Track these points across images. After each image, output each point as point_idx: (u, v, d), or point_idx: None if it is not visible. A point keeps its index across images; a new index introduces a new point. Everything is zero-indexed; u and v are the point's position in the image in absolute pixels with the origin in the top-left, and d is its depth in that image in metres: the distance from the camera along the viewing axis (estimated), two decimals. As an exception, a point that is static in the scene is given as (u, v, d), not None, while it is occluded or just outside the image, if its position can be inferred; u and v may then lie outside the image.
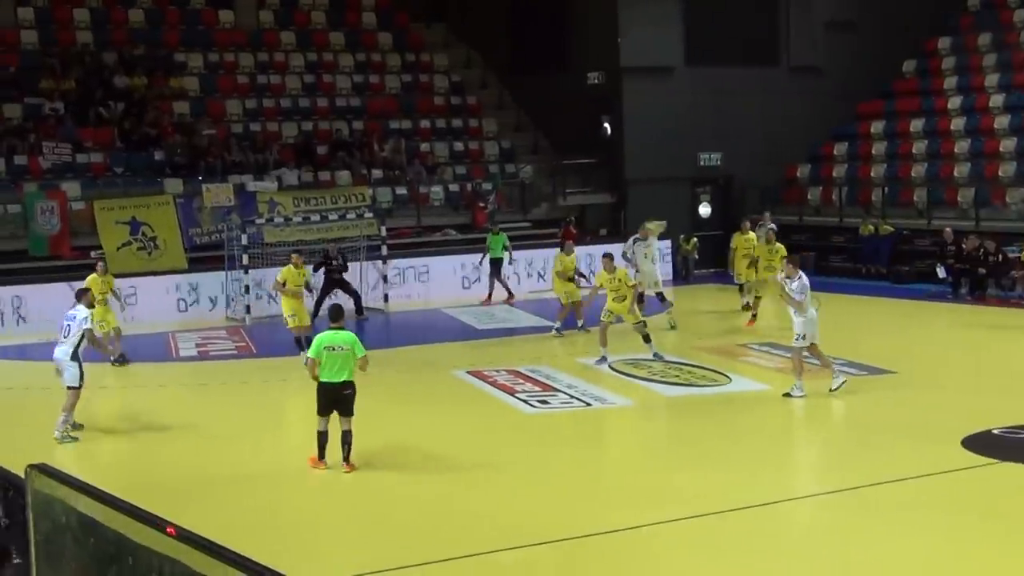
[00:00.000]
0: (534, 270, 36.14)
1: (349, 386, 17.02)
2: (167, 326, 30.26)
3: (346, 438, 16.95)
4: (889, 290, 34.57)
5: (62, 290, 26.90)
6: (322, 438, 17.04)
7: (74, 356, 19.39)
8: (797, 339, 20.83)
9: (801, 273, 21.23)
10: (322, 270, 31.25)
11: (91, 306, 20.43)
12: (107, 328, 25.39)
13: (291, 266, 25.93)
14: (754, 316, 29.19)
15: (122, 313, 26.59)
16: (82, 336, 19.43)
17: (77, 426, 19.58)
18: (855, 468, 16.60)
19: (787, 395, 20.73)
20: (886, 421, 19.46)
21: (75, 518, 8.03)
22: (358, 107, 41.49)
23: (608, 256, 25.55)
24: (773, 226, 33.01)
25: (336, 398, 16.96)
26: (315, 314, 30.85)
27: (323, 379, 16.99)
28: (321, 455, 17.07)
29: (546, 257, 34.28)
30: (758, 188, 41.42)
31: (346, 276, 31.87)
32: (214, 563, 6.43)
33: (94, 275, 25.84)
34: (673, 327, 28.62)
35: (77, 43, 39.59)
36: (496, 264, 34.28)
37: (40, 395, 23.39)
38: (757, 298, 29.41)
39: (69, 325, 19.58)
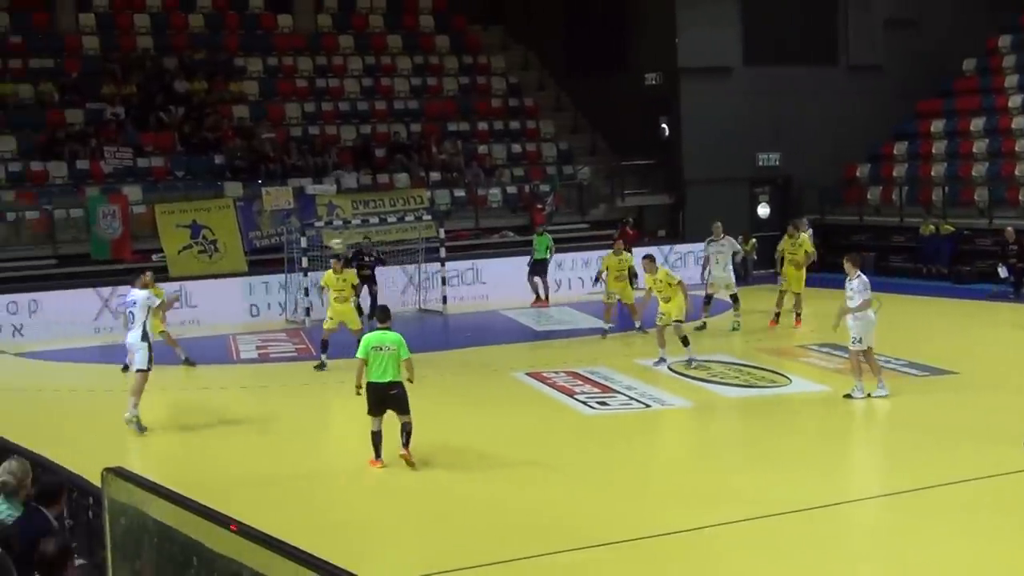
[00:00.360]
0: (592, 271, 35.99)
1: (396, 386, 17.09)
2: (228, 328, 30.42)
3: (406, 427, 17.16)
4: (950, 290, 34.31)
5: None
6: (376, 438, 17.16)
7: (143, 337, 19.84)
8: (854, 342, 20.61)
9: (860, 272, 20.97)
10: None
11: (145, 287, 20.68)
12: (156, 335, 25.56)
13: (331, 271, 25.72)
14: (798, 314, 28.97)
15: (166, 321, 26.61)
16: (147, 313, 19.97)
17: (142, 428, 19.79)
18: (916, 470, 16.50)
19: (848, 396, 20.61)
20: (948, 422, 19.33)
21: (150, 520, 8.12)
22: (416, 110, 41.61)
23: (648, 258, 25.29)
24: (805, 222, 33.00)
25: (383, 398, 17.07)
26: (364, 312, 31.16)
27: (370, 379, 17.13)
28: (377, 454, 17.16)
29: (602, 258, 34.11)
30: (817, 188, 41.20)
31: (377, 274, 32.07)
32: (286, 562, 6.48)
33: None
34: (736, 329, 28.55)
35: (138, 48, 39.94)
36: (540, 265, 34.21)
37: (106, 398, 23.67)
38: (781, 292, 29.22)
39: (132, 312, 20.07)
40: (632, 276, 29.13)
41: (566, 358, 26.01)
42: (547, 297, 34.11)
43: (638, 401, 21.60)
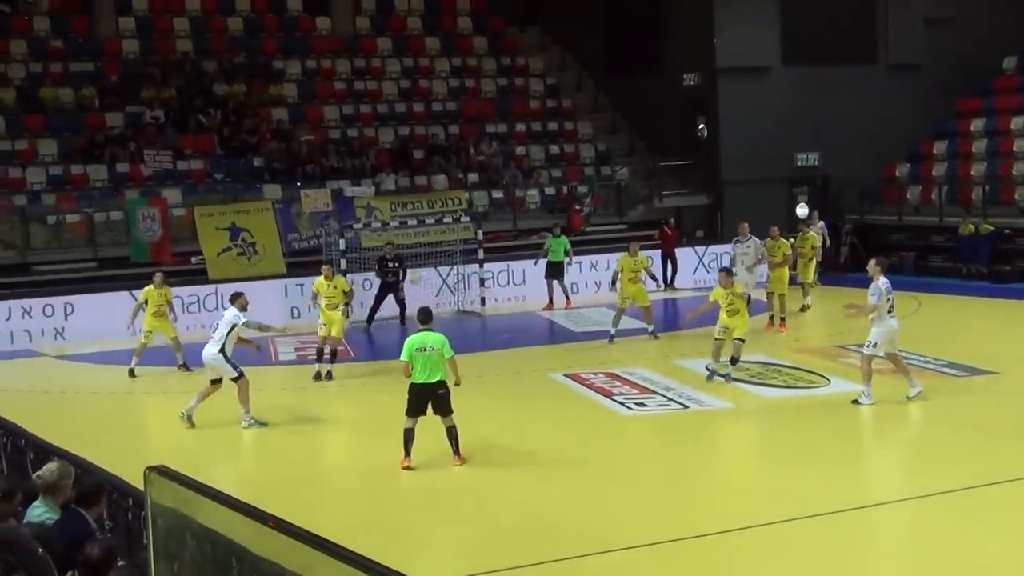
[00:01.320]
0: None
1: (443, 386, 17.18)
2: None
3: (451, 433, 17.25)
4: (989, 290, 34.12)
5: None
6: (408, 434, 17.18)
7: (221, 352, 20.26)
8: (867, 346, 20.41)
9: (883, 277, 20.67)
10: (375, 272, 31.65)
11: (244, 309, 20.89)
12: (148, 340, 26.00)
13: (322, 278, 25.52)
14: (782, 319, 28.79)
15: (175, 323, 26.73)
16: (229, 333, 20.32)
17: (190, 422, 20.24)
18: (956, 470, 16.43)
19: (855, 402, 20.33)
20: (987, 422, 19.25)
21: (192, 521, 8.16)
22: (454, 111, 41.69)
23: (725, 271, 24.19)
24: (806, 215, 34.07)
25: (431, 398, 17.13)
26: (371, 318, 31.13)
27: (416, 380, 17.18)
28: (407, 452, 17.16)
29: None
30: (856, 188, 41.06)
31: (401, 282, 31.94)
32: (331, 562, 6.49)
33: (150, 287, 26.29)
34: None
35: (177, 52, 40.20)
36: (556, 268, 34.04)
37: (143, 400, 23.81)
38: (781, 295, 29.06)
39: (218, 324, 20.76)
40: (651, 277, 28.98)
41: (604, 359, 26.01)
42: (568, 299, 33.98)
43: (676, 402, 21.58)
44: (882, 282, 20.53)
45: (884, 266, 21.18)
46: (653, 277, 29.14)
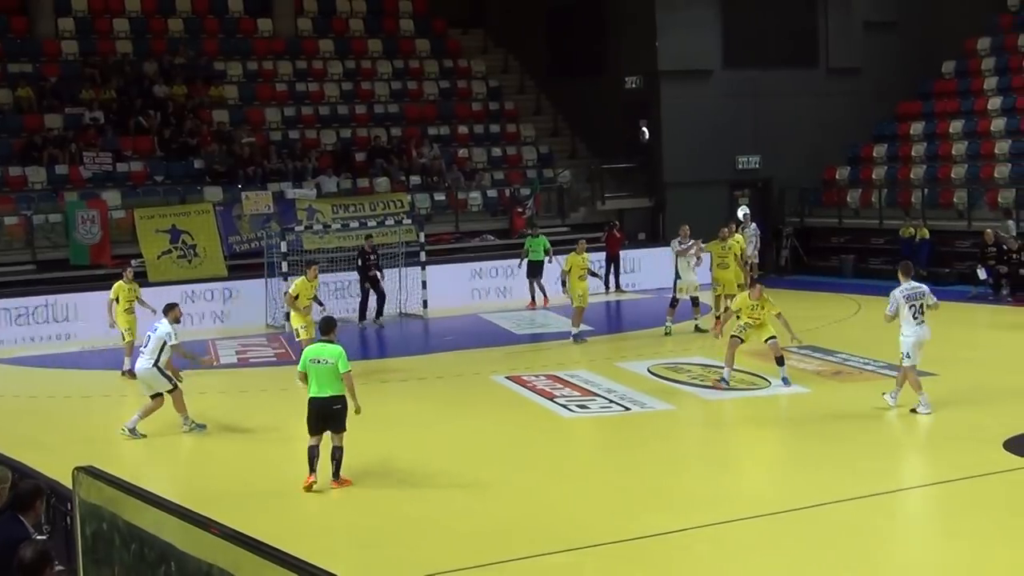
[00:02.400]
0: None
1: (338, 401, 16.35)
2: (207, 333, 30.36)
3: (336, 455, 16.37)
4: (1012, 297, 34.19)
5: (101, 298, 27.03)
6: (312, 452, 16.38)
7: (155, 366, 19.79)
8: (903, 359, 19.96)
9: (904, 283, 20.29)
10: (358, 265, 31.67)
11: (176, 321, 20.41)
12: (131, 338, 25.38)
13: (305, 278, 25.08)
14: (717, 318, 28.57)
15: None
16: (162, 349, 19.80)
17: (133, 435, 19.80)
18: (896, 470, 16.57)
19: (913, 411, 19.96)
20: (927, 424, 19.37)
21: (120, 521, 8.10)
22: (396, 114, 41.60)
23: (755, 284, 23.53)
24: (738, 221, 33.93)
25: (325, 414, 16.33)
26: (363, 314, 31.21)
27: (311, 394, 16.47)
28: (311, 468, 16.33)
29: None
30: (797, 190, 41.33)
31: (380, 275, 32.24)
32: (259, 561, 6.46)
33: (120, 282, 25.83)
34: (701, 329, 28.47)
35: (117, 53, 39.86)
36: (536, 267, 34.23)
37: (80, 403, 23.64)
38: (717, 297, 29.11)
39: (149, 336, 20.09)
40: (592, 274, 29.02)
41: (546, 361, 26.03)
42: (546, 299, 34.03)
43: (618, 404, 21.61)
44: (898, 290, 20.10)
45: (906, 272, 20.66)
46: (595, 274, 29.11)
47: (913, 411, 19.92)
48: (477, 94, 43.57)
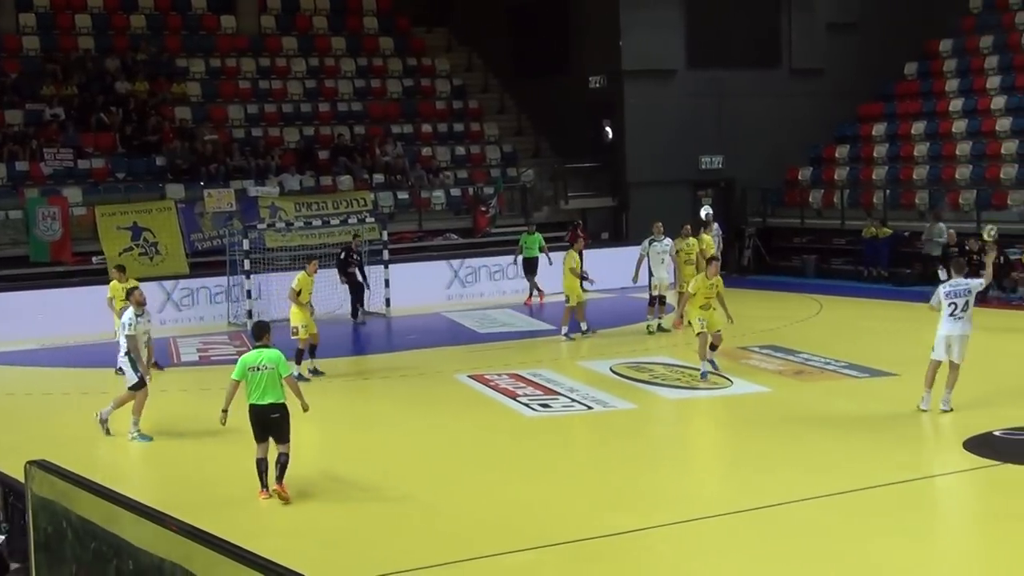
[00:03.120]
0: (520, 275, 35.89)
1: (278, 409, 15.70)
2: (168, 331, 30.23)
3: (281, 459, 15.69)
4: (890, 292, 34.50)
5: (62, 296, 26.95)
6: (260, 465, 15.78)
7: (126, 355, 19.46)
8: (932, 351, 19.69)
9: (950, 281, 19.81)
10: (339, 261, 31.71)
11: (140, 304, 20.05)
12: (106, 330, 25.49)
13: (305, 273, 24.82)
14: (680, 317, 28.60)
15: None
16: (127, 336, 19.54)
17: (107, 432, 19.63)
18: (856, 470, 16.59)
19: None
20: (887, 423, 19.44)
21: (74, 515, 8.06)
22: (360, 112, 41.53)
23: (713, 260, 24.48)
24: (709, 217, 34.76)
25: (265, 422, 15.67)
26: (355, 312, 31.22)
27: (251, 402, 15.73)
28: (262, 483, 15.75)
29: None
30: (759, 191, 41.47)
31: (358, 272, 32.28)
32: (212, 556, 6.43)
33: (115, 281, 25.82)
34: (652, 332, 28.53)
35: (79, 49, 39.63)
36: (531, 264, 34.44)
37: (42, 401, 23.51)
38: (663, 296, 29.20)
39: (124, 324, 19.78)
40: (583, 276, 29.11)
41: (509, 360, 26.02)
42: (541, 295, 34.18)
43: (580, 403, 21.62)
44: (943, 285, 19.83)
45: (958, 269, 20.25)
46: (585, 276, 29.21)
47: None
48: (441, 92, 43.53)
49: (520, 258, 34.60)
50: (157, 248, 33.82)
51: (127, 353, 19.58)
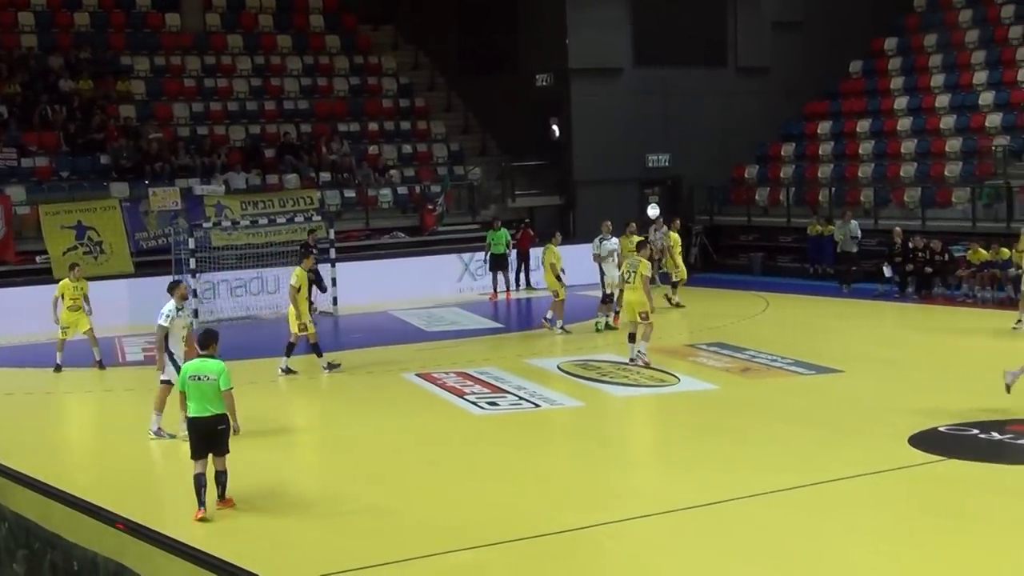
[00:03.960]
0: (486, 271, 35.89)
1: (222, 420, 15.09)
2: (113, 330, 29.98)
3: (220, 479, 15.10)
4: (836, 290, 34.66)
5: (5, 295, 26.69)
6: (199, 480, 14.87)
7: (166, 350, 19.05)
8: None
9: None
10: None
11: (184, 298, 19.66)
12: (74, 332, 25.45)
13: (302, 269, 24.54)
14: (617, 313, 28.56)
15: (91, 316, 26.11)
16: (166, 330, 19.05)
17: (164, 434, 19.07)
18: (803, 466, 16.65)
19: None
20: (833, 420, 19.52)
21: (8, 510, 8.00)
22: (306, 110, 41.39)
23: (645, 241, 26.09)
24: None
25: (207, 434, 15.01)
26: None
27: (191, 414, 15.13)
28: (200, 502, 14.78)
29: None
30: (706, 189, 41.59)
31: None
32: (143, 545, 6.38)
33: (66, 280, 25.75)
34: (600, 329, 28.58)
35: (22, 47, 39.29)
36: (499, 260, 34.61)
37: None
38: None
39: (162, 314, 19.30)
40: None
41: (456, 359, 25.99)
42: (508, 291, 34.27)
43: (528, 401, 21.60)
44: None
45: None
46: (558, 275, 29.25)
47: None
48: (388, 91, 43.44)
49: (488, 255, 34.62)
50: (102, 247, 33.59)
51: (166, 350, 19.05)
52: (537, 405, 21.36)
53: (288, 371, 24.35)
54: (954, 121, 39.01)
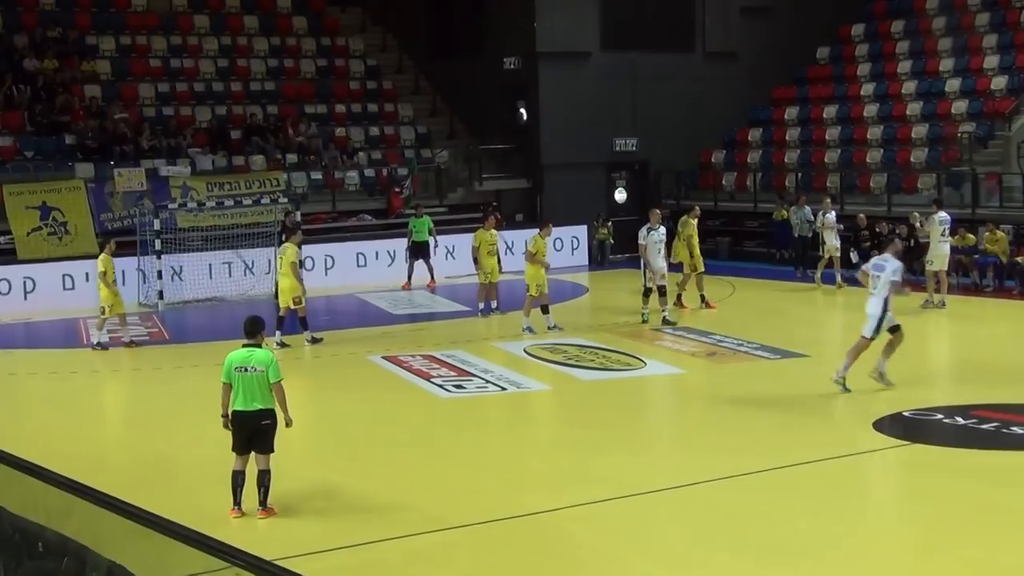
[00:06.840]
0: (454, 255, 35.79)
1: (268, 416, 14.34)
2: (77, 312, 29.87)
3: (263, 479, 14.33)
4: (802, 275, 34.73)
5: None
6: (237, 478, 14.35)
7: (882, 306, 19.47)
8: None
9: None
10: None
11: (897, 253, 19.79)
12: (112, 313, 25.85)
13: (292, 244, 25.29)
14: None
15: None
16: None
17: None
18: (767, 450, 16.71)
19: None
20: (798, 404, 19.61)
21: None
22: (273, 91, 41.22)
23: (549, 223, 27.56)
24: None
25: (254, 429, 14.29)
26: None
27: (236, 407, 14.30)
28: (236, 500, 14.34)
29: (464, 242, 33.44)
30: (673, 173, 41.64)
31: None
32: (90, 507, 6.35)
33: (105, 255, 26.06)
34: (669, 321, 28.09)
35: (-14, 26, 39.04)
36: (420, 248, 34.21)
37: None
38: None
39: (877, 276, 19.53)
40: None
41: (423, 341, 25.99)
42: (432, 280, 34.07)
43: (495, 384, 21.62)
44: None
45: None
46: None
47: None
48: (355, 73, 43.32)
49: (410, 242, 34.42)
50: (66, 228, 33.42)
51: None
52: (504, 388, 21.37)
53: (282, 345, 24.89)
54: (920, 108, 39.15)
